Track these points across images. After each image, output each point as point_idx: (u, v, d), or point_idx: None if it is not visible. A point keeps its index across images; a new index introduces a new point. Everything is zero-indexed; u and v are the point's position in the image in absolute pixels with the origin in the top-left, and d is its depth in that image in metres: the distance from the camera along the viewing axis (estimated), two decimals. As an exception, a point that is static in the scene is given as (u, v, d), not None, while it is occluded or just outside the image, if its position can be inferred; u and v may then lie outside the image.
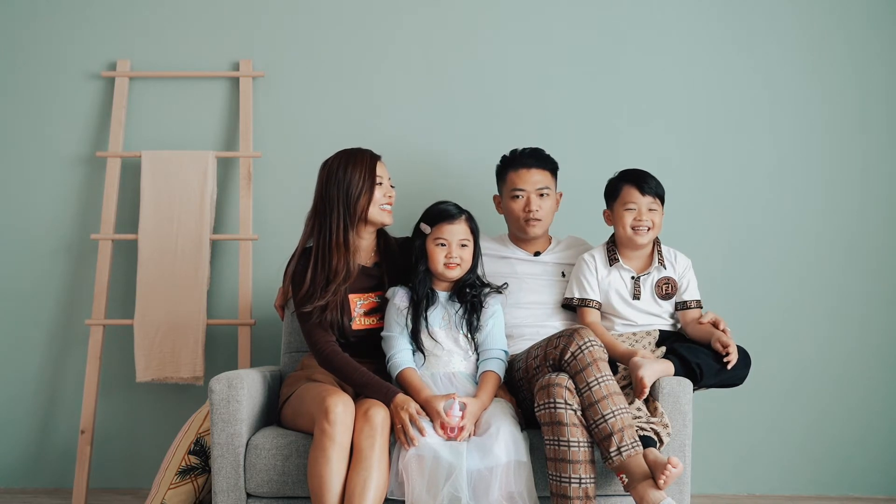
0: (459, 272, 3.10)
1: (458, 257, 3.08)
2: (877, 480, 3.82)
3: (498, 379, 3.05)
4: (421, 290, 3.09)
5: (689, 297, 3.26)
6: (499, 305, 3.15)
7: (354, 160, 3.12)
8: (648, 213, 3.21)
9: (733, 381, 3.17)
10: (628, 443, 2.77)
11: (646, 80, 3.87)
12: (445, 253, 3.08)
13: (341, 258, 3.07)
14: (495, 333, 3.11)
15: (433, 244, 3.10)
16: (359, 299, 3.13)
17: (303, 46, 3.90)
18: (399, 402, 2.91)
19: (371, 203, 3.11)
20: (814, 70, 3.86)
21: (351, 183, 3.08)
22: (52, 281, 3.88)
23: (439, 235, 3.09)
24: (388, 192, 3.17)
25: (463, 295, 3.11)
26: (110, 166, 3.81)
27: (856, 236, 3.85)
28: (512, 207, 3.36)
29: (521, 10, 3.88)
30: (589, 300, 3.26)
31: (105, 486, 3.87)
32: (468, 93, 3.88)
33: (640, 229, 3.21)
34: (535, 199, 3.33)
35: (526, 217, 3.33)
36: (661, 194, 3.24)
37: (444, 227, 3.09)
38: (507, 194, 3.37)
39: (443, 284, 3.14)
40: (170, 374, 3.73)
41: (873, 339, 3.84)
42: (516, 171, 3.36)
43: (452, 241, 3.08)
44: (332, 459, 2.79)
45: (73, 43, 3.90)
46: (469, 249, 3.11)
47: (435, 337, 3.05)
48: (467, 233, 3.11)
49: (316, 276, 3.07)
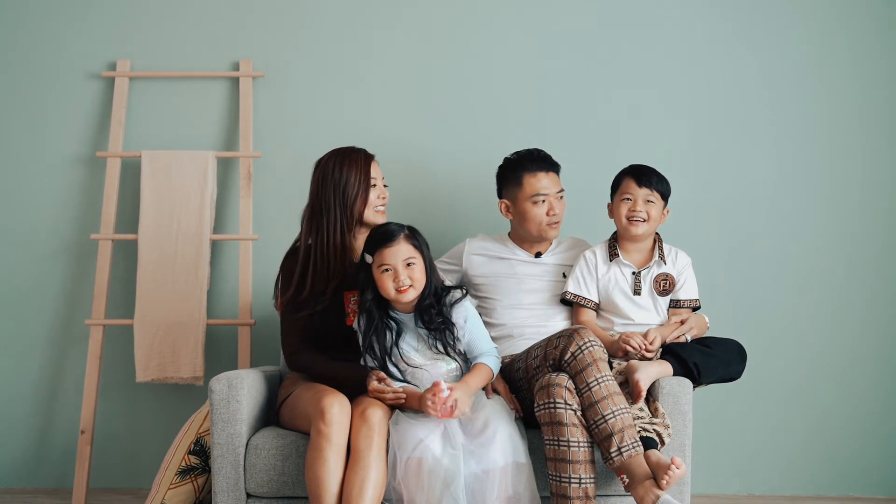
0: (413, 293, 2.98)
1: (406, 279, 2.95)
2: (877, 480, 3.82)
3: (488, 370, 2.99)
4: (378, 320, 2.98)
5: (684, 297, 3.25)
6: (467, 307, 3.05)
7: (349, 161, 3.13)
8: (645, 205, 3.22)
9: (731, 375, 3.17)
10: (629, 443, 2.77)
11: (647, 80, 3.87)
12: (392, 278, 2.95)
13: (338, 260, 3.08)
14: (476, 338, 3.04)
15: (379, 272, 2.96)
16: (353, 296, 3.12)
17: (303, 46, 3.90)
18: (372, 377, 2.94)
19: (367, 206, 3.12)
20: (816, 70, 3.85)
21: (347, 185, 3.09)
22: (52, 281, 3.88)
23: (382, 262, 2.95)
24: (382, 194, 3.18)
25: (427, 321, 3.00)
26: (110, 166, 3.81)
27: (858, 237, 3.84)
28: (534, 213, 3.31)
29: (522, 10, 3.88)
30: (584, 299, 3.26)
31: (105, 486, 3.87)
32: (468, 93, 3.88)
33: (635, 220, 3.22)
34: (556, 202, 3.32)
35: (549, 221, 3.32)
36: (662, 190, 3.24)
37: (384, 251, 2.95)
38: (526, 199, 3.31)
39: (402, 305, 3.03)
40: (170, 374, 3.73)
41: (874, 340, 3.84)
42: (534, 175, 3.31)
43: (397, 265, 2.94)
44: (328, 460, 2.79)
45: (73, 43, 3.90)
46: (418, 266, 2.97)
47: (411, 363, 2.98)
48: (411, 251, 2.97)
49: (316, 281, 3.07)
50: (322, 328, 3.09)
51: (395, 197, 3.48)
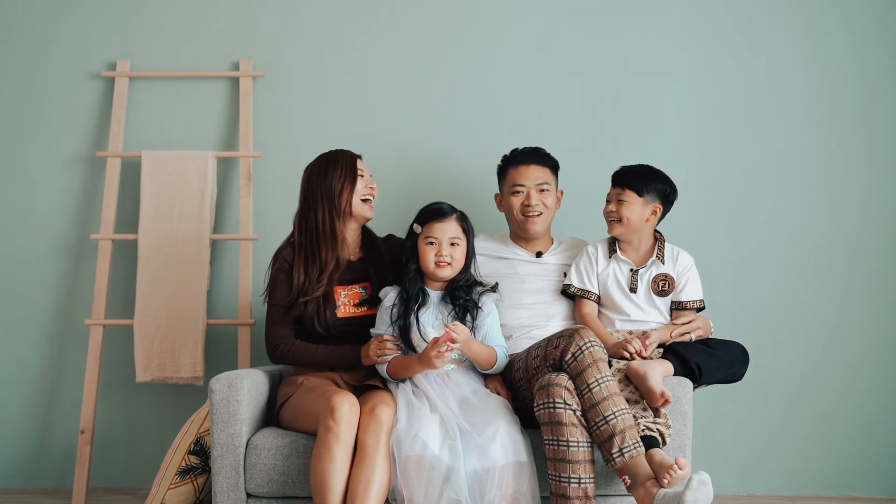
0: (451, 271, 3.10)
1: (448, 255, 3.08)
2: (877, 480, 3.82)
3: (493, 352, 3.06)
4: (411, 288, 3.09)
5: (686, 298, 3.25)
6: (493, 304, 3.16)
7: (334, 160, 3.21)
8: (617, 205, 3.25)
9: (733, 377, 3.17)
10: (630, 444, 2.77)
11: (648, 80, 3.87)
12: (435, 251, 3.08)
13: (329, 249, 3.14)
14: (493, 332, 3.13)
15: (424, 243, 3.10)
16: (343, 290, 3.18)
17: (303, 46, 3.90)
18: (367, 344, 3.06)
19: (354, 194, 3.18)
20: (820, 70, 3.85)
21: (332, 179, 3.17)
22: (52, 281, 3.88)
23: (429, 234, 3.10)
24: (370, 184, 3.24)
25: (455, 296, 3.10)
26: (110, 166, 3.81)
27: (860, 238, 3.84)
28: (512, 203, 3.37)
29: (521, 12, 3.88)
30: (587, 291, 3.27)
31: (105, 486, 3.86)
32: (468, 93, 3.88)
33: (613, 222, 3.27)
34: (535, 194, 3.35)
35: (525, 212, 3.34)
36: (633, 186, 3.25)
37: (434, 225, 3.10)
38: (508, 191, 3.38)
39: (435, 284, 3.14)
40: (170, 374, 3.73)
41: (874, 341, 3.83)
42: (516, 168, 3.38)
43: (442, 240, 3.08)
44: (336, 457, 2.79)
45: (73, 43, 3.90)
46: (461, 249, 3.11)
47: (425, 337, 3.03)
48: (458, 231, 3.11)
49: (308, 270, 3.13)
50: (312, 319, 3.13)
51: (393, 196, 3.50)
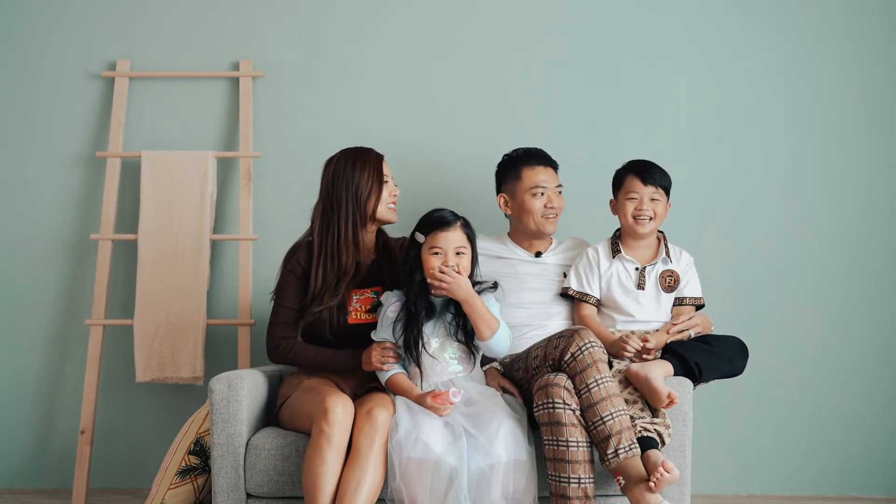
0: None
1: (454, 266, 2.98)
2: (877, 480, 3.82)
3: (496, 320, 2.99)
4: (419, 302, 3.00)
5: (688, 294, 3.26)
6: (493, 299, 3.08)
7: (361, 160, 3.15)
8: (650, 203, 3.22)
9: (733, 372, 3.18)
10: (626, 445, 2.77)
11: (649, 80, 3.86)
12: (441, 262, 2.97)
13: (350, 256, 3.10)
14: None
15: (428, 253, 2.99)
16: (356, 294, 3.14)
17: (303, 46, 3.90)
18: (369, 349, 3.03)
19: (380, 202, 3.14)
20: (822, 70, 3.85)
21: (360, 183, 3.11)
22: (52, 281, 3.88)
23: (434, 244, 2.99)
24: (394, 191, 3.21)
25: (457, 303, 3.01)
26: (110, 166, 3.82)
27: (862, 237, 3.84)
28: (533, 204, 3.33)
29: (523, 12, 3.88)
30: (586, 295, 3.26)
31: (105, 486, 3.87)
32: (468, 93, 3.88)
33: (642, 219, 3.22)
34: (555, 197, 3.34)
35: (547, 214, 3.33)
36: (665, 185, 3.25)
37: (438, 235, 2.99)
38: (525, 191, 3.33)
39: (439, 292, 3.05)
40: (170, 374, 3.73)
41: (875, 340, 3.83)
42: (533, 168, 3.34)
43: (448, 250, 2.98)
44: (327, 459, 2.79)
45: (73, 43, 3.90)
46: (466, 257, 3.00)
47: (428, 349, 2.99)
48: (463, 240, 3.01)
49: (326, 275, 3.09)
50: (324, 325, 3.10)
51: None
